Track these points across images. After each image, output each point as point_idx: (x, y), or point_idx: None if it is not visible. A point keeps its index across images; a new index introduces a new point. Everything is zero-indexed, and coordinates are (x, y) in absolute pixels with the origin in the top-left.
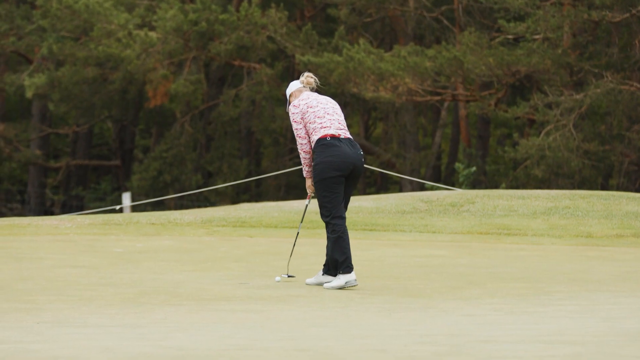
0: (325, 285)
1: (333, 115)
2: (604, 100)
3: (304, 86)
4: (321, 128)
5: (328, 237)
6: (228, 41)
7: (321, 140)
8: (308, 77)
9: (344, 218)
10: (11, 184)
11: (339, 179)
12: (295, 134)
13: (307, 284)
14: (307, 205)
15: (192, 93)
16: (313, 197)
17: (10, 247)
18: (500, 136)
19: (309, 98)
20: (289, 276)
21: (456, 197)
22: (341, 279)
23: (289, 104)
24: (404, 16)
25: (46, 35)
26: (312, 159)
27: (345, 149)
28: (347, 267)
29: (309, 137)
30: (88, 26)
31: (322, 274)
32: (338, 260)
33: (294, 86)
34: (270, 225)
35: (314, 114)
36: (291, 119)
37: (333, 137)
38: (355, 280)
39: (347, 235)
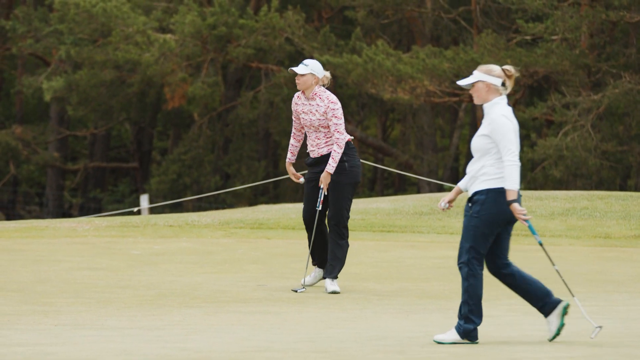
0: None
1: None
2: (622, 100)
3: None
4: (344, 129)
5: (336, 242)
6: (246, 44)
7: (349, 143)
8: (328, 77)
9: None
10: (29, 186)
11: None
12: (340, 125)
13: (305, 285)
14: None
15: (210, 95)
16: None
17: (28, 250)
18: None
19: None
20: (303, 286)
21: None
22: (336, 285)
23: (311, 84)
24: (421, 18)
25: (64, 38)
26: (343, 160)
27: None
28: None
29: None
30: (106, 30)
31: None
32: (342, 266)
33: (322, 71)
34: (288, 227)
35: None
36: (337, 111)
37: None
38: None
39: None
